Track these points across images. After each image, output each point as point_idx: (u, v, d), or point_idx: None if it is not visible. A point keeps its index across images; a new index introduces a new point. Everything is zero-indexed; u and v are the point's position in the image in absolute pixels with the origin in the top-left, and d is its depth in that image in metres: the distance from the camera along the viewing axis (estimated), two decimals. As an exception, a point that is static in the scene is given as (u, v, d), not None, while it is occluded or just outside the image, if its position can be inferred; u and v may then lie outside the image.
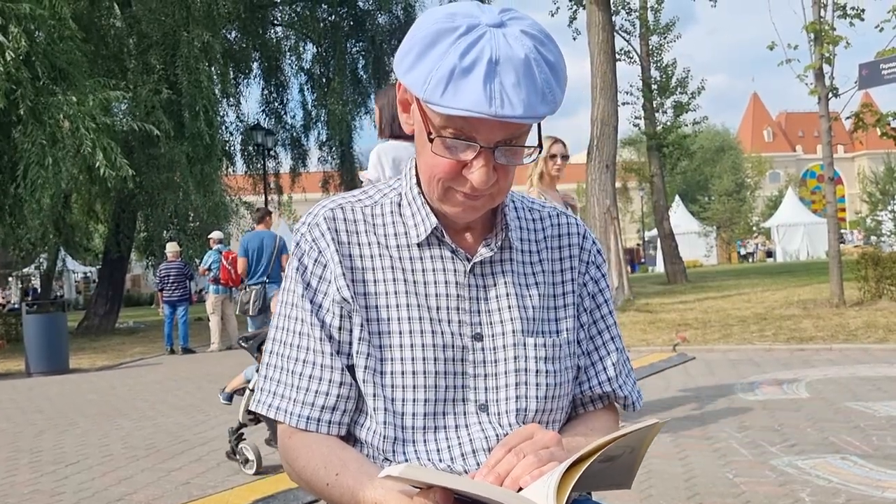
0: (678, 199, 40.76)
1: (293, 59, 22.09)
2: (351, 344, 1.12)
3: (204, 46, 15.51)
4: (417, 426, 1.10)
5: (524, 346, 1.14)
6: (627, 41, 24.24)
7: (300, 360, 1.12)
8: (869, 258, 11.37)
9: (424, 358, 1.10)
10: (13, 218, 13.34)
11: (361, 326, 1.11)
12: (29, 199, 11.52)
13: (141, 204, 16.97)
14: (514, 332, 1.14)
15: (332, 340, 1.11)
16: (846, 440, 4.03)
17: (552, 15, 20.32)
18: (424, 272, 1.13)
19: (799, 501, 3.12)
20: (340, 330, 1.12)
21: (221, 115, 18.64)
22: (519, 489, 0.94)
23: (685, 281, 21.95)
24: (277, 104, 22.23)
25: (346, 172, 21.56)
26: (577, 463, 0.92)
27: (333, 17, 21.37)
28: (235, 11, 18.07)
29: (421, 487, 0.94)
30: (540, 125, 1.06)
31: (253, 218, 10.64)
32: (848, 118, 11.85)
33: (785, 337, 8.28)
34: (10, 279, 30.28)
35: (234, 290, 11.34)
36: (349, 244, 1.14)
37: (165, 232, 16.96)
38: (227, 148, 19.97)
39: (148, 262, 19.51)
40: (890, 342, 7.40)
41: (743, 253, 45.63)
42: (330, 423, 1.11)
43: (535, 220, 1.24)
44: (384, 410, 1.09)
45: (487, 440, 1.10)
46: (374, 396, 1.10)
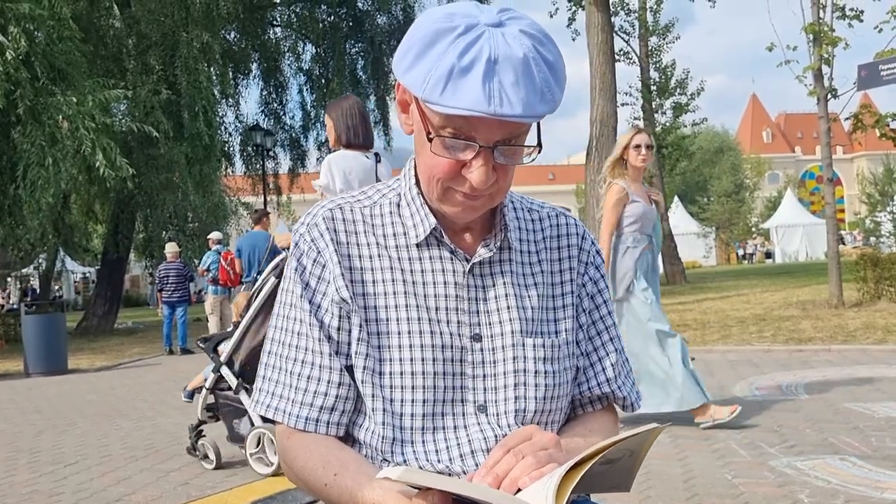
0: (677, 199, 40.75)
1: (292, 59, 22.12)
2: (350, 344, 1.12)
3: (203, 47, 15.52)
4: (416, 427, 1.10)
5: (523, 346, 1.14)
6: (627, 42, 24.25)
7: (299, 360, 1.12)
8: (868, 259, 11.38)
9: (423, 358, 1.10)
10: (12, 218, 13.34)
11: (360, 327, 1.10)
12: (28, 199, 11.52)
13: (140, 204, 16.98)
14: (512, 332, 1.14)
15: (330, 341, 1.11)
16: (845, 441, 4.03)
17: (551, 16, 20.34)
18: (423, 273, 1.13)
19: (798, 502, 3.12)
20: (339, 330, 1.12)
21: (220, 115, 18.66)
22: (517, 490, 0.94)
23: (684, 282, 21.96)
24: (276, 105, 22.25)
25: (345, 173, 21.51)
26: (576, 466, 0.92)
27: (333, 17, 21.39)
28: (235, 12, 18.07)
29: (419, 489, 0.94)
30: (539, 125, 1.06)
31: (252, 219, 10.73)
32: (847, 119, 11.86)
33: (784, 338, 8.28)
34: (8, 279, 30.25)
35: (232, 290, 11.35)
36: (348, 244, 1.14)
37: (164, 232, 16.96)
38: (226, 148, 19.98)
39: (147, 262, 19.50)
40: (889, 343, 7.40)
41: (742, 254, 45.65)
42: (329, 423, 1.11)
43: (534, 220, 1.24)
44: (383, 411, 1.09)
45: (486, 441, 1.10)
46: (372, 397, 1.10)
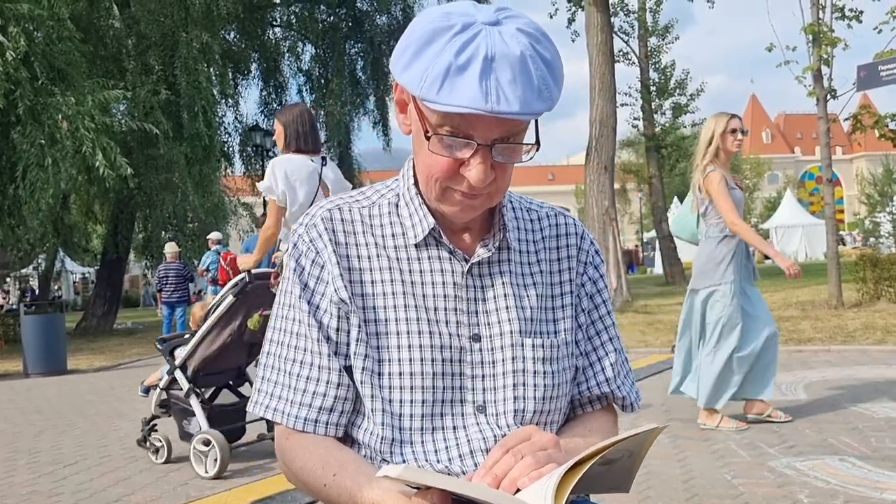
0: (676, 200, 40.74)
1: (292, 59, 22.12)
2: (349, 345, 1.11)
3: (203, 47, 15.52)
4: (415, 427, 1.10)
5: (522, 346, 1.14)
6: (626, 42, 24.30)
7: (297, 360, 1.12)
8: (867, 259, 11.38)
9: (422, 359, 1.10)
10: (12, 218, 13.33)
11: (359, 327, 1.10)
12: (28, 199, 11.51)
13: (139, 205, 16.97)
14: (511, 332, 1.14)
15: (329, 341, 1.11)
16: (844, 441, 4.03)
17: (551, 16, 20.35)
18: (422, 273, 1.13)
19: (797, 502, 3.12)
20: (338, 331, 1.11)
21: (220, 115, 18.65)
22: (516, 490, 0.94)
23: (684, 282, 21.95)
24: (276, 105, 22.21)
25: (344, 173, 21.33)
26: (575, 466, 0.92)
27: (332, 18, 21.39)
28: (234, 12, 18.07)
29: (419, 488, 0.93)
30: (537, 123, 1.05)
31: (257, 223, 10.86)
32: (846, 120, 11.87)
33: (783, 338, 8.25)
34: (8, 280, 30.25)
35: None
36: (347, 245, 1.14)
37: (164, 233, 16.96)
38: (225, 149, 19.97)
39: (147, 262, 19.49)
40: (888, 343, 7.40)
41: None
42: (328, 424, 1.11)
43: (532, 220, 1.24)
44: (382, 411, 1.09)
45: (485, 441, 1.10)
46: (371, 397, 1.10)
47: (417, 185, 1.14)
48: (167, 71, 15.68)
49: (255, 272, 4.29)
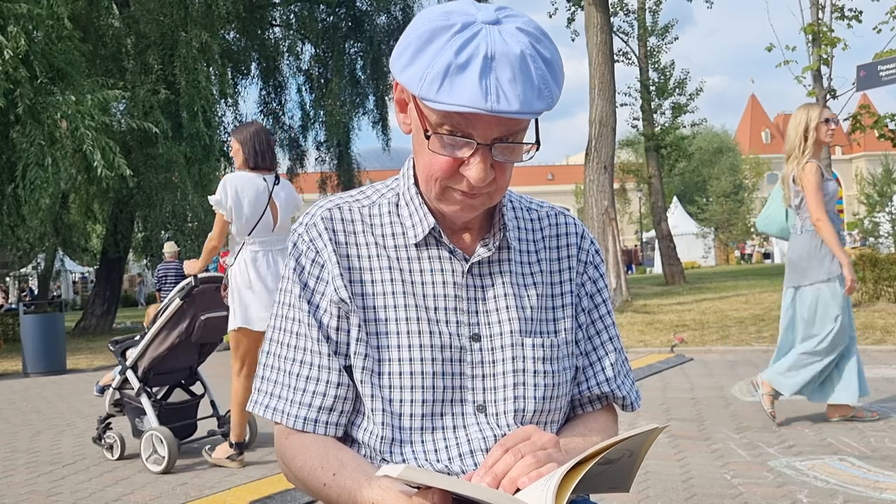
0: (676, 200, 40.81)
1: (291, 59, 22.05)
2: (349, 344, 1.11)
3: (202, 47, 15.50)
4: (415, 427, 1.10)
5: (522, 346, 1.14)
6: (626, 42, 24.29)
7: (297, 360, 1.12)
8: (867, 259, 11.38)
9: (422, 358, 1.10)
10: (11, 218, 13.32)
11: (359, 327, 1.10)
12: (27, 199, 11.50)
13: (139, 204, 16.95)
14: (511, 332, 1.14)
15: (329, 341, 1.11)
16: (844, 441, 4.03)
17: (550, 16, 20.37)
18: (422, 272, 1.13)
19: (797, 502, 3.12)
20: (338, 330, 1.11)
21: (220, 115, 18.61)
22: (516, 490, 0.94)
23: (683, 282, 21.96)
24: (275, 105, 22.20)
25: (343, 173, 21.54)
26: (576, 466, 0.92)
27: (332, 17, 21.35)
28: (234, 12, 18.03)
29: (419, 488, 0.93)
30: (538, 122, 1.05)
31: None
32: (846, 120, 11.87)
33: (783, 338, 8.26)
34: (7, 279, 30.23)
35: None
36: (347, 244, 1.14)
37: (163, 232, 16.94)
38: (225, 148, 19.93)
39: (146, 262, 19.48)
40: (887, 343, 7.40)
41: (740, 254, 45.70)
42: (327, 423, 1.11)
43: (533, 220, 1.23)
44: (382, 411, 1.09)
45: (485, 441, 1.10)
46: (371, 397, 1.10)
47: (418, 184, 1.14)
48: (167, 70, 15.66)
49: (201, 276, 4.56)
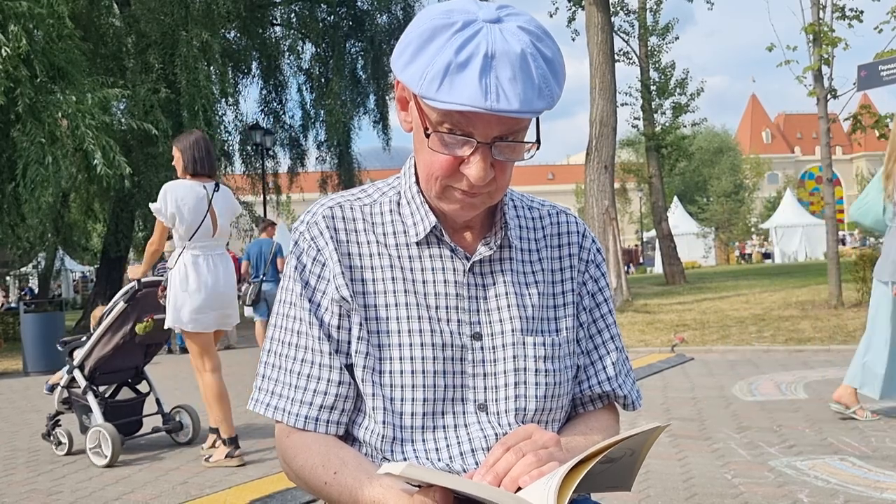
0: (677, 200, 40.77)
1: (292, 58, 22.04)
2: (350, 343, 1.11)
3: (203, 46, 15.49)
4: (416, 426, 1.09)
5: (523, 345, 1.13)
6: (626, 42, 24.26)
7: (298, 359, 1.12)
8: (867, 259, 11.36)
9: (423, 357, 1.10)
10: (12, 217, 13.32)
11: (360, 326, 1.10)
12: (28, 197, 11.49)
13: (139, 203, 16.93)
14: (513, 331, 1.13)
15: (330, 339, 1.11)
16: (844, 441, 4.03)
17: (551, 15, 20.32)
18: (423, 271, 1.13)
19: (797, 502, 3.12)
20: (339, 329, 1.11)
21: (220, 114, 18.60)
22: (518, 489, 0.94)
23: (683, 282, 21.95)
24: (276, 104, 22.20)
25: (344, 172, 21.55)
26: (577, 465, 0.92)
27: (333, 17, 21.35)
28: (235, 11, 18.03)
29: (420, 486, 0.93)
30: (538, 121, 1.05)
31: (258, 228, 11.59)
32: (846, 120, 11.85)
33: (783, 338, 8.28)
34: (7, 278, 30.24)
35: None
36: (348, 243, 1.13)
37: (164, 231, 16.92)
38: (225, 147, 19.94)
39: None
40: (888, 343, 7.39)
41: (740, 254, 45.71)
42: (328, 422, 1.11)
43: (534, 218, 1.23)
44: (383, 410, 1.09)
45: (486, 440, 1.10)
46: (372, 396, 1.10)
47: (419, 183, 1.14)
48: (167, 69, 15.67)
49: (143, 281, 4.73)
